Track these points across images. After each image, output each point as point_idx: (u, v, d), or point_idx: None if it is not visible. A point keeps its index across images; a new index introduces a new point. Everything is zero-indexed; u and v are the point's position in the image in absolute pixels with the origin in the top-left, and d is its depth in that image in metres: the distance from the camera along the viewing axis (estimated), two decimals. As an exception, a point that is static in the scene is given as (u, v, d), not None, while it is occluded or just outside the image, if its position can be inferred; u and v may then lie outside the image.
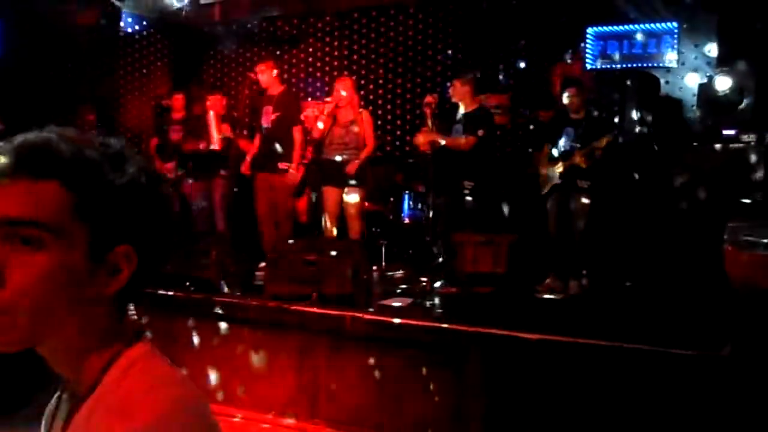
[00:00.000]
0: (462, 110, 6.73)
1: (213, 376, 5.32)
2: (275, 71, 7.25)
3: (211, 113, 7.52)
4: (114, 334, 1.03)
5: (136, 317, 1.09)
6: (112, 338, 1.03)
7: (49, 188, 0.94)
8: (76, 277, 0.96)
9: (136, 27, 9.11)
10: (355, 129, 6.85)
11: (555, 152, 6.54)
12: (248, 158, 7.32)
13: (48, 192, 0.93)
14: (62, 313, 0.96)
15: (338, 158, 6.85)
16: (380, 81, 9.15)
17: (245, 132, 7.86)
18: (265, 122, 7.15)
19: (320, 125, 6.83)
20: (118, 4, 8.43)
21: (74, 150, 0.96)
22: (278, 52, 9.11)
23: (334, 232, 6.91)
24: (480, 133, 6.54)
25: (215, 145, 7.50)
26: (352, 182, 6.82)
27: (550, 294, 6.28)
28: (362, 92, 9.06)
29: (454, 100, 6.79)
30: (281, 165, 7.01)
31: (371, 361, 4.95)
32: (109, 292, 1.00)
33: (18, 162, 0.94)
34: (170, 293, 5.77)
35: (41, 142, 0.96)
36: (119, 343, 1.03)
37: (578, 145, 6.38)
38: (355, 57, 9.26)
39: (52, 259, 0.93)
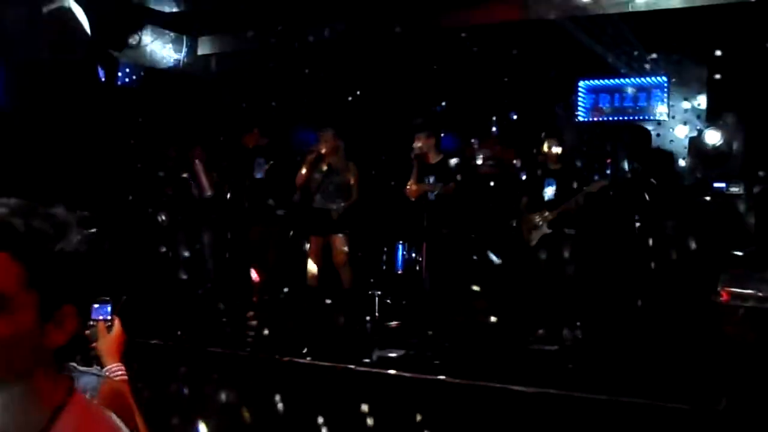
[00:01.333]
0: (431, 160, 6.82)
1: (203, 426, 5.26)
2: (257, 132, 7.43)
3: (198, 162, 7.57)
4: (55, 384, 1.12)
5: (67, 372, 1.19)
6: (54, 388, 1.12)
7: (4, 260, 1.02)
8: (29, 335, 1.05)
9: (134, 77, 9.19)
10: (342, 178, 6.91)
11: (535, 204, 6.62)
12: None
13: (2, 264, 1.02)
14: (19, 368, 1.06)
15: (324, 207, 6.89)
16: (374, 132, 9.21)
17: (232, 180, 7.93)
18: (258, 173, 7.22)
19: (303, 172, 6.88)
20: (115, 54, 8.51)
21: (25, 223, 1.05)
22: (273, 104, 9.19)
23: (317, 280, 6.90)
24: (458, 177, 6.63)
25: (209, 192, 7.54)
26: (341, 231, 6.85)
27: (543, 345, 6.25)
28: (352, 142, 9.12)
29: (417, 153, 6.83)
30: (278, 212, 7.08)
31: (365, 408, 4.91)
32: (55, 345, 1.09)
33: None
34: (161, 342, 5.74)
35: None
36: (61, 392, 1.12)
37: (561, 195, 6.45)
38: (350, 107, 9.32)
39: (12, 323, 1.02)
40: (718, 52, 7.10)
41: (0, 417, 1.09)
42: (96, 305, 2.39)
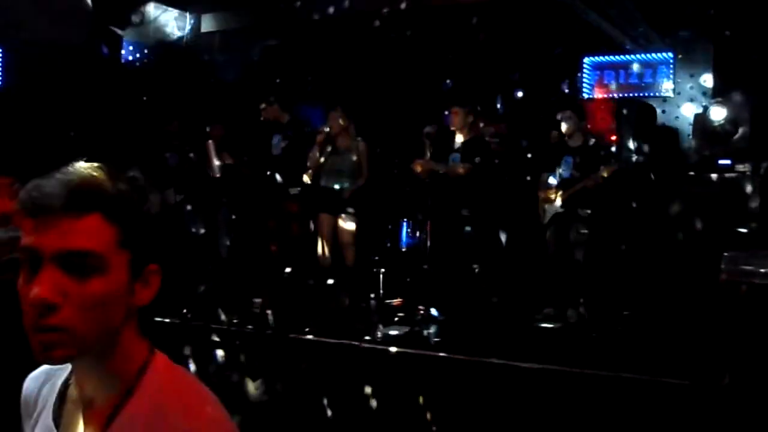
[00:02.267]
0: (460, 138, 6.78)
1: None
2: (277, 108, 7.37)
3: (210, 142, 7.55)
4: (139, 342, 1.19)
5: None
6: (138, 346, 1.18)
7: (96, 222, 1.08)
8: (122, 294, 1.11)
9: (137, 55, 9.17)
10: (352, 158, 6.90)
11: (553, 180, 6.56)
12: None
13: (95, 225, 1.08)
14: (112, 326, 1.11)
15: (334, 186, 6.88)
16: (379, 110, 9.19)
17: (245, 158, 7.89)
18: (275, 151, 7.21)
19: (315, 154, 6.88)
20: (119, 32, 8.49)
21: (114, 185, 1.11)
22: (278, 81, 9.16)
23: (329, 259, 6.91)
24: (476, 160, 6.59)
25: (216, 173, 7.53)
26: (349, 210, 6.84)
27: (548, 323, 6.27)
28: (361, 121, 9.10)
29: (453, 128, 6.83)
30: (291, 190, 7.07)
31: (368, 390, 4.94)
32: (142, 303, 1.16)
33: (68, 198, 1.06)
34: (168, 321, 5.77)
35: (87, 180, 1.09)
36: (144, 350, 1.19)
37: (576, 173, 6.40)
38: (354, 85, 9.30)
39: (102, 283, 1.08)
40: (725, 29, 7.05)
41: (91, 375, 1.15)
42: None
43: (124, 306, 1.12)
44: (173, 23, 8.73)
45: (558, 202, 6.47)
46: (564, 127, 6.55)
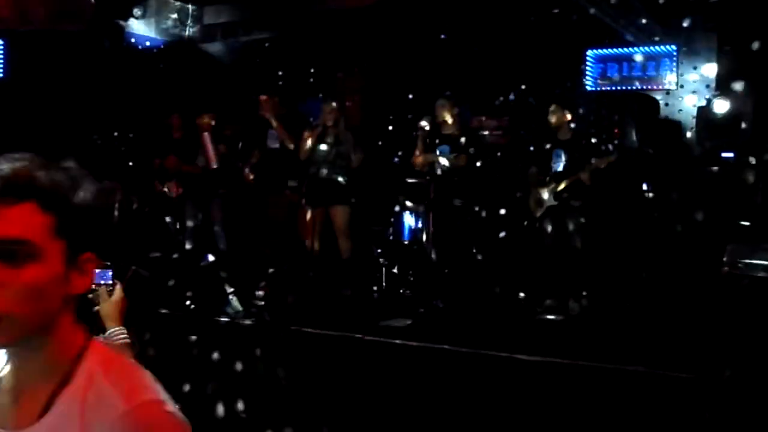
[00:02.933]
0: (447, 131, 6.82)
1: (212, 392, 5.31)
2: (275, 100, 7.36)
3: (206, 134, 7.54)
4: (75, 329, 1.19)
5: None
6: (75, 333, 1.19)
7: (30, 210, 1.09)
8: (57, 282, 1.12)
9: (140, 46, 9.16)
10: (344, 149, 6.92)
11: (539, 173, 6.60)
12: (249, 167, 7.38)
13: (28, 214, 1.09)
14: (48, 314, 1.13)
15: (325, 177, 6.90)
16: (381, 102, 9.18)
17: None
18: (272, 144, 7.22)
19: (308, 144, 6.88)
20: (121, 23, 8.48)
21: (47, 175, 1.11)
22: (280, 73, 9.16)
23: (318, 249, 6.93)
24: (471, 151, 6.62)
25: (214, 165, 7.52)
26: (346, 201, 6.89)
27: (550, 315, 6.28)
28: (361, 114, 9.11)
29: (439, 120, 6.84)
30: (289, 182, 7.09)
31: (371, 382, 4.95)
32: (78, 291, 1.17)
33: (1, 187, 1.08)
34: (170, 312, 5.79)
35: (20, 169, 1.10)
36: (80, 338, 1.19)
37: (570, 167, 6.42)
38: (355, 78, 9.30)
39: (37, 271, 1.09)
40: (728, 21, 7.03)
41: (27, 363, 1.16)
42: (97, 270, 2.43)
43: (60, 294, 1.13)
44: (175, 15, 8.71)
45: (546, 195, 6.49)
46: (552, 119, 6.60)
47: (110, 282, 2.46)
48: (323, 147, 6.83)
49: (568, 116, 6.60)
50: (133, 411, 1.10)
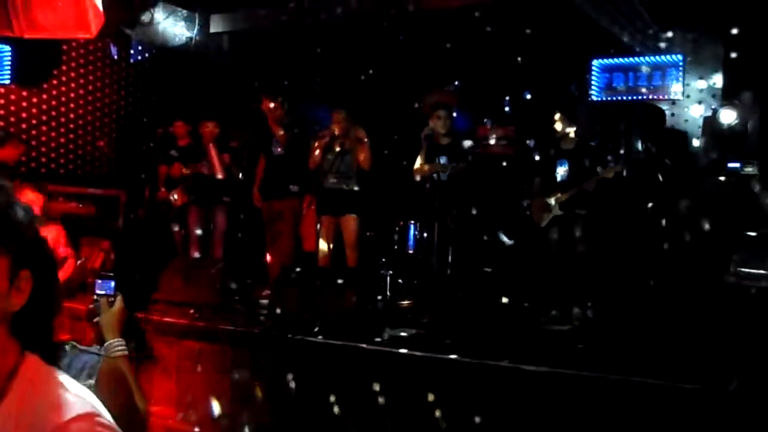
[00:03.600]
0: (445, 140, 6.80)
1: (214, 402, 5.30)
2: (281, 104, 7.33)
3: (212, 145, 7.57)
4: (10, 345, 1.18)
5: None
6: (9, 349, 1.18)
7: None
8: (2, 297, 1.13)
9: (146, 55, 9.20)
10: (353, 158, 6.91)
11: (548, 184, 6.59)
12: (256, 188, 7.39)
13: None
14: None
15: (335, 187, 6.90)
16: (387, 111, 9.19)
17: (244, 163, 7.92)
18: (277, 150, 7.22)
19: (317, 154, 6.88)
20: (128, 32, 8.51)
21: None
22: (285, 83, 9.18)
23: (329, 260, 6.92)
24: (469, 159, 6.63)
25: (220, 175, 7.54)
26: (355, 212, 6.88)
27: (555, 325, 6.27)
28: (367, 123, 9.10)
29: (426, 132, 6.77)
30: (292, 187, 7.08)
31: (375, 391, 4.94)
32: (15, 308, 1.16)
33: None
34: (173, 320, 5.78)
35: None
36: (14, 353, 1.18)
37: (574, 176, 6.41)
38: (361, 86, 9.31)
39: None
40: (734, 30, 7.03)
41: None
42: (99, 281, 2.43)
43: (2, 308, 1.14)
44: (182, 23, 8.74)
45: (553, 202, 6.48)
46: (557, 128, 6.60)
47: (111, 293, 2.45)
48: (330, 156, 6.83)
49: (572, 126, 6.60)
50: (67, 425, 1.10)
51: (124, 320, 2.45)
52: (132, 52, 8.84)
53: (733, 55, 7.20)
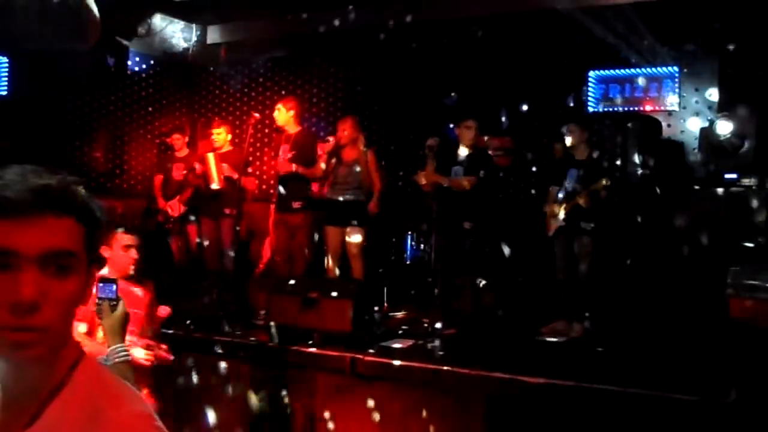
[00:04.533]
0: (465, 152, 6.74)
1: (211, 415, 5.28)
2: (293, 111, 7.24)
3: (210, 155, 7.53)
4: (74, 340, 1.21)
5: None
6: (73, 344, 1.20)
7: (71, 223, 1.11)
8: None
9: (143, 66, 9.21)
10: (358, 168, 6.87)
11: (560, 194, 6.55)
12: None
13: (71, 226, 1.11)
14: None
15: (341, 198, 6.86)
16: (384, 122, 9.21)
17: (249, 170, 7.85)
18: (281, 161, 7.18)
19: (322, 165, 6.84)
20: (125, 43, 8.52)
21: (79, 189, 1.16)
22: (283, 93, 9.20)
23: (337, 271, 6.88)
24: (481, 173, 6.55)
25: (217, 185, 7.49)
26: (354, 222, 6.83)
27: (554, 337, 6.25)
28: (365, 133, 9.11)
29: (462, 141, 6.73)
30: (295, 204, 6.99)
31: (371, 403, 4.92)
32: (86, 303, 1.19)
33: (45, 201, 1.09)
34: (170, 332, 5.76)
35: (61, 183, 1.13)
36: (76, 348, 1.20)
37: (579, 187, 6.40)
38: (359, 98, 9.34)
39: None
40: (731, 43, 7.06)
41: (23, 374, 1.14)
42: (101, 284, 2.41)
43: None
44: (179, 35, 8.76)
45: (561, 215, 6.46)
46: (568, 140, 6.56)
47: (114, 297, 2.43)
48: (337, 166, 6.78)
49: (586, 135, 6.56)
50: (125, 423, 1.12)
51: (127, 324, 2.45)
52: (129, 63, 8.84)
53: (729, 68, 7.24)
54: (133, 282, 3.95)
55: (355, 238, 6.83)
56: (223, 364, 5.49)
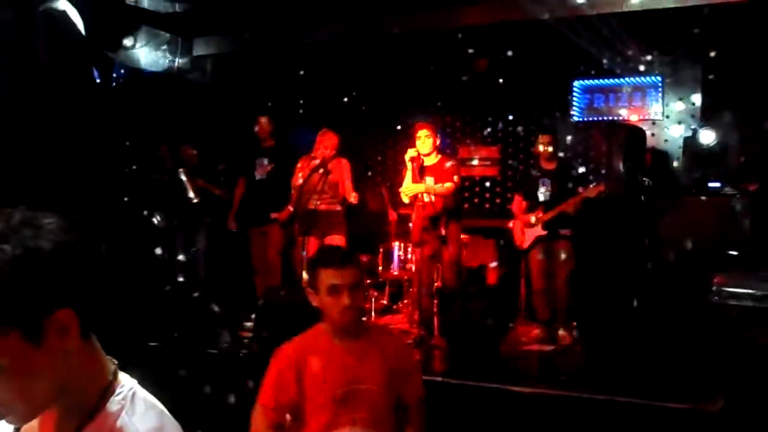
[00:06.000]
0: (431, 160, 6.66)
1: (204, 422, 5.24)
2: (272, 126, 7.38)
3: (181, 170, 7.55)
4: (97, 367, 1.23)
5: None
6: (100, 370, 1.23)
7: None
8: (25, 362, 1.09)
9: (128, 77, 9.18)
10: (334, 179, 6.90)
11: (537, 202, 6.61)
12: (232, 214, 7.41)
13: None
14: (45, 386, 1.14)
15: (320, 208, 6.85)
16: (369, 133, 9.24)
17: (222, 179, 7.92)
18: (260, 174, 7.20)
19: (301, 175, 6.82)
20: (111, 55, 8.50)
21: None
22: (269, 104, 9.20)
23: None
24: (456, 180, 6.50)
25: (195, 199, 7.51)
26: (340, 232, 6.86)
27: (537, 344, 6.28)
28: (351, 143, 9.14)
29: (412, 155, 6.63)
30: (273, 215, 7.05)
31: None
32: (69, 348, 1.14)
33: None
34: (158, 344, 5.74)
35: None
36: (104, 373, 1.23)
37: (557, 195, 6.45)
38: (341, 109, 9.35)
39: (12, 374, 1.09)
40: (713, 52, 7.14)
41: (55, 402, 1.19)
42: None
43: (38, 365, 1.15)
44: (165, 47, 8.75)
45: (539, 226, 6.50)
46: (540, 148, 6.63)
47: None
48: (316, 178, 6.76)
49: (554, 145, 6.64)
50: None
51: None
52: (114, 75, 8.82)
53: (711, 76, 7.31)
54: None
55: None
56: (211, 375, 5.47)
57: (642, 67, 7.82)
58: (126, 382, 1.26)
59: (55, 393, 1.16)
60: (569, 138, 8.11)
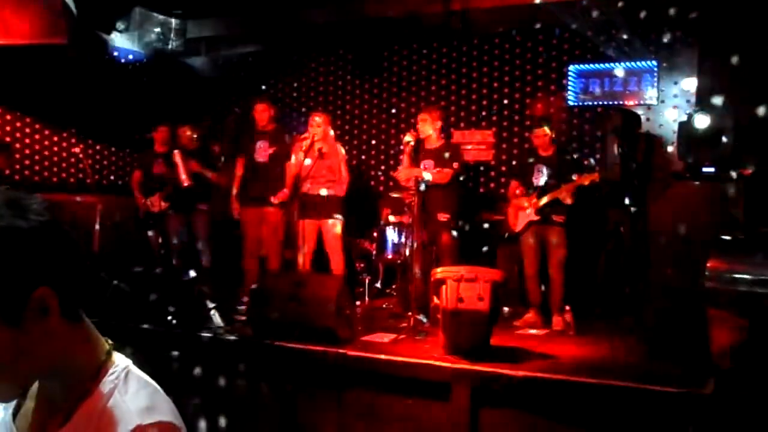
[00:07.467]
0: (431, 145, 6.75)
1: (197, 404, 5.26)
2: (273, 111, 7.35)
3: (176, 152, 7.49)
4: (88, 348, 1.23)
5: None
6: (90, 351, 1.23)
7: None
8: (5, 344, 1.10)
9: (122, 60, 9.13)
10: (331, 163, 6.88)
11: (526, 189, 6.63)
12: (234, 196, 7.36)
13: None
14: (28, 367, 1.15)
15: (315, 191, 6.86)
16: (364, 117, 9.21)
17: (219, 164, 7.88)
18: (260, 157, 7.17)
19: (308, 162, 6.79)
20: (104, 36, 8.45)
21: None
22: (263, 87, 9.16)
23: (308, 265, 6.87)
24: (455, 165, 6.57)
25: (186, 183, 7.46)
26: (335, 216, 6.85)
27: (530, 329, 6.31)
28: (347, 127, 9.12)
29: (422, 135, 6.74)
30: (273, 199, 7.03)
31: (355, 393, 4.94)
32: (51, 326, 1.14)
33: None
34: (152, 327, 5.74)
35: None
36: (97, 353, 1.23)
37: (553, 182, 6.48)
38: (339, 92, 9.33)
39: None
40: (708, 36, 7.11)
41: (48, 383, 1.23)
42: None
43: (17, 343, 1.14)
44: (158, 29, 8.69)
45: (532, 212, 6.51)
46: (536, 134, 6.66)
47: None
48: (309, 161, 6.75)
49: (551, 131, 6.66)
50: (146, 430, 1.16)
51: None
52: (108, 57, 8.77)
53: (708, 61, 7.28)
54: None
55: (334, 230, 6.85)
56: (204, 358, 5.47)
57: (637, 52, 7.79)
58: (120, 362, 1.26)
59: (39, 373, 1.17)
60: (563, 124, 8.10)
